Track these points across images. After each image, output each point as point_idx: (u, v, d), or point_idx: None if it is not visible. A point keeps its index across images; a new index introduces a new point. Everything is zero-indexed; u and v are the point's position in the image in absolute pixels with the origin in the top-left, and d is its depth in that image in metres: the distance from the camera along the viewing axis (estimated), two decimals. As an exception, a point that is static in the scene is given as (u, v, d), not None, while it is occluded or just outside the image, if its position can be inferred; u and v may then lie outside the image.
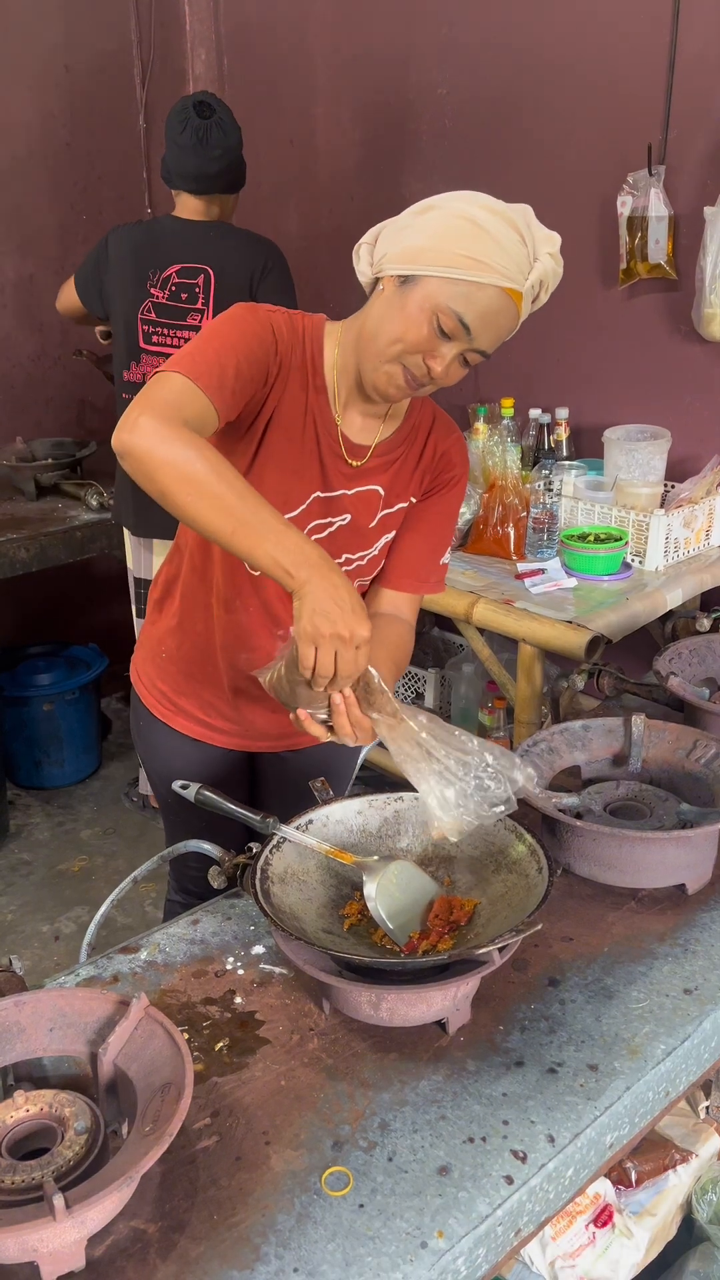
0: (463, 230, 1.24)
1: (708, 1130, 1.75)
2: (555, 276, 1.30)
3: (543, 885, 1.14)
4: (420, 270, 1.26)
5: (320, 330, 1.40)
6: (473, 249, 1.24)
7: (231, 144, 2.44)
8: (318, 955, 1.10)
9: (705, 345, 2.47)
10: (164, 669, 1.62)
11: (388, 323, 1.29)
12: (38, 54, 3.31)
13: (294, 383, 1.36)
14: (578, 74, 2.57)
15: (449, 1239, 0.90)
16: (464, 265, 1.24)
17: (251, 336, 1.30)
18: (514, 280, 1.25)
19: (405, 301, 1.28)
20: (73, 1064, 1.02)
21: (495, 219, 1.25)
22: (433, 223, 1.27)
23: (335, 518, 1.46)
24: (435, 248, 1.25)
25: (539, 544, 2.44)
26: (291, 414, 1.38)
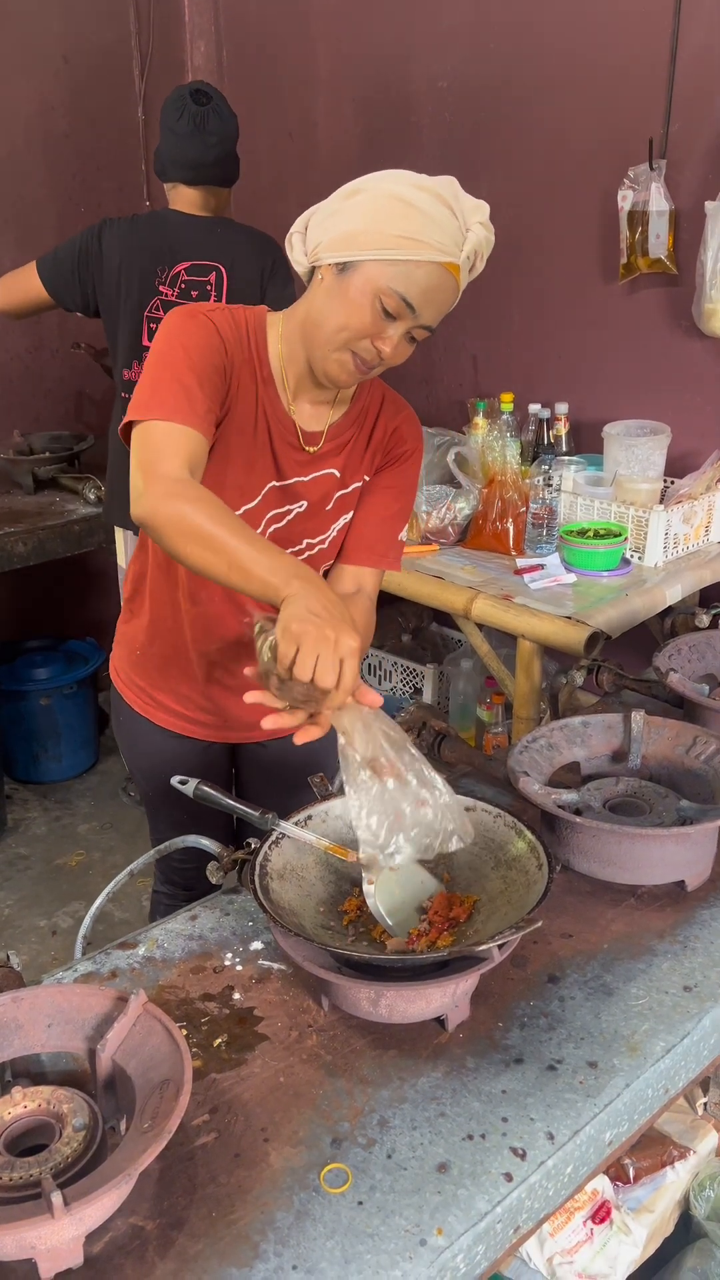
0: (394, 210, 1.25)
1: (706, 1127, 1.75)
2: (488, 244, 1.31)
3: (542, 882, 1.13)
4: (357, 256, 1.27)
5: (262, 323, 1.41)
6: (407, 228, 1.25)
7: (228, 132, 2.42)
8: (316, 951, 1.09)
9: (706, 341, 2.46)
10: (139, 665, 1.63)
11: (331, 311, 1.31)
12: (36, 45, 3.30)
13: (244, 378, 1.38)
14: (579, 67, 2.55)
15: (448, 1236, 0.90)
16: (400, 245, 1.25)
17: (201, 346, 1.32)
18: (450, 254, 1.27)
19: (346, 288, 1.29)
20: (71, 1060, 1.02)
21: (424, 195, 1.26)
22: (363, 206, 1.27)
23: (292, 505, 1.48)
24: (369, 230, 1.26)
25: (538, 539, 2.44)
26: (244, 409, 1.39)
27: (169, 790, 1.39)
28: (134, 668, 1.65)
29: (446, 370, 3.10)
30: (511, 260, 2.85)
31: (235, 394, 1.37)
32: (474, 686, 2.88)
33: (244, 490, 1.43)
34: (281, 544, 1.43)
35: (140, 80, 3.48)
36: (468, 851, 1.27)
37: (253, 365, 1.39)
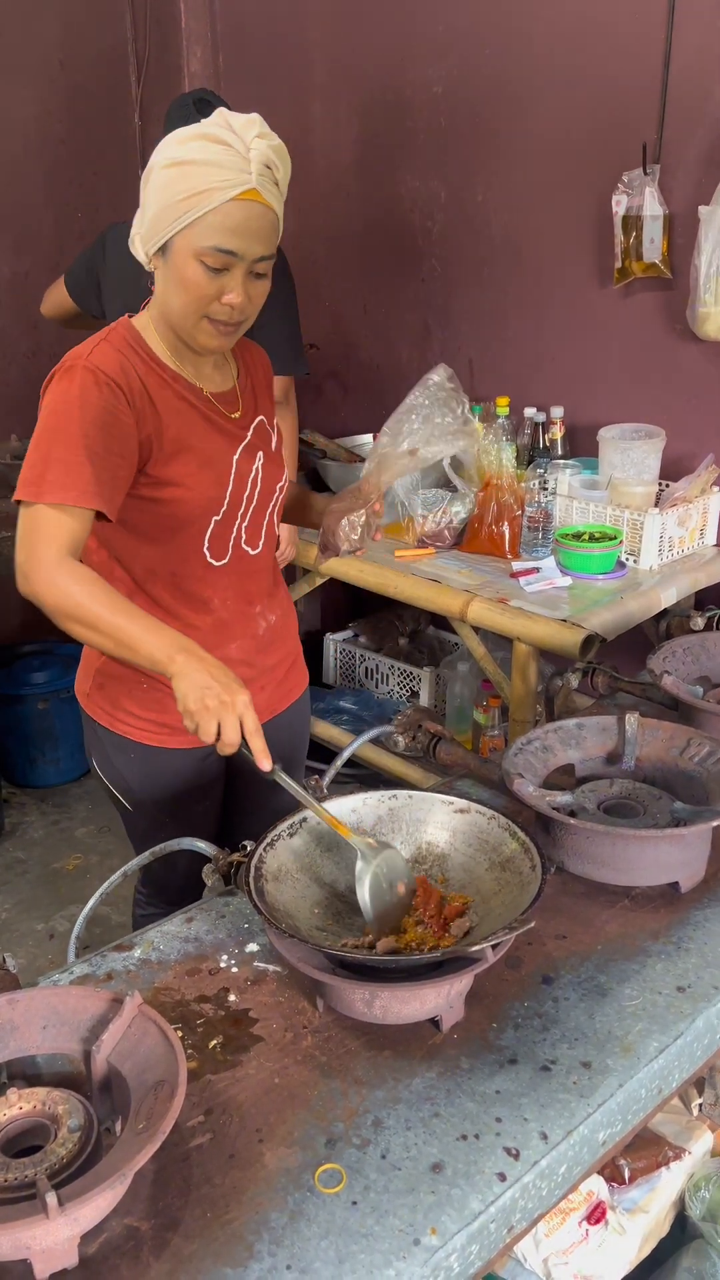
0: (172, 176, 1.30)
1: (701, 1127, 1.76)
2: (277, 151, 1.33)
3: (536, 883, 1.14)
4: (165, 234, 1.33)
5: (136, 333, 1.46)
6: (186, 186, 1.29)
7: None
8: (311, 953, 1.10)
9: (700, 344, 2.47)
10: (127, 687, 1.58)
11: (172, 294, 1.38)
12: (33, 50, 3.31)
13: (156, 395, 1.42)
14: (573, 72, 2.57)
15: (442, 1236, 0.90)
16: (190, 205, 1.29)
17: (92, 406, 1.33)
18: (238, 183, 1.29)
19: (171, 267, 1.36)
20: (66, 1062, 1.02)
21: (191, 145, 1.29)
22: (152, 188, 1.33)
23: (254, 463, 1.53)
24: (162, 206, 1.31)
25: (534, 543, 2.44)
26: (175, 416, 1.44)
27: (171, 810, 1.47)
28: (124, 692, 1.58)
29: (442, 374, 3.10)
30: (507, 264, 2.86)
31: (153, 418, 1.41)
32: (470, 689, 2.89)
33: (219, 472, 1.48)
34: (264, 502, 1.56)
35: (137, 86, 3.49)
36: (462, 853, 1.28)
37: (156, 377, 1.43)
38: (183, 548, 1.49)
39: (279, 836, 1.24)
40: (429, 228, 3.01)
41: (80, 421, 1.31)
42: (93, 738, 1.68)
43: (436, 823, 1.31)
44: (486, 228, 2.86)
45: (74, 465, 1.29)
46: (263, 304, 1.43)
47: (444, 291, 3.04)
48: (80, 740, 3.31)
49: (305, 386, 3.48)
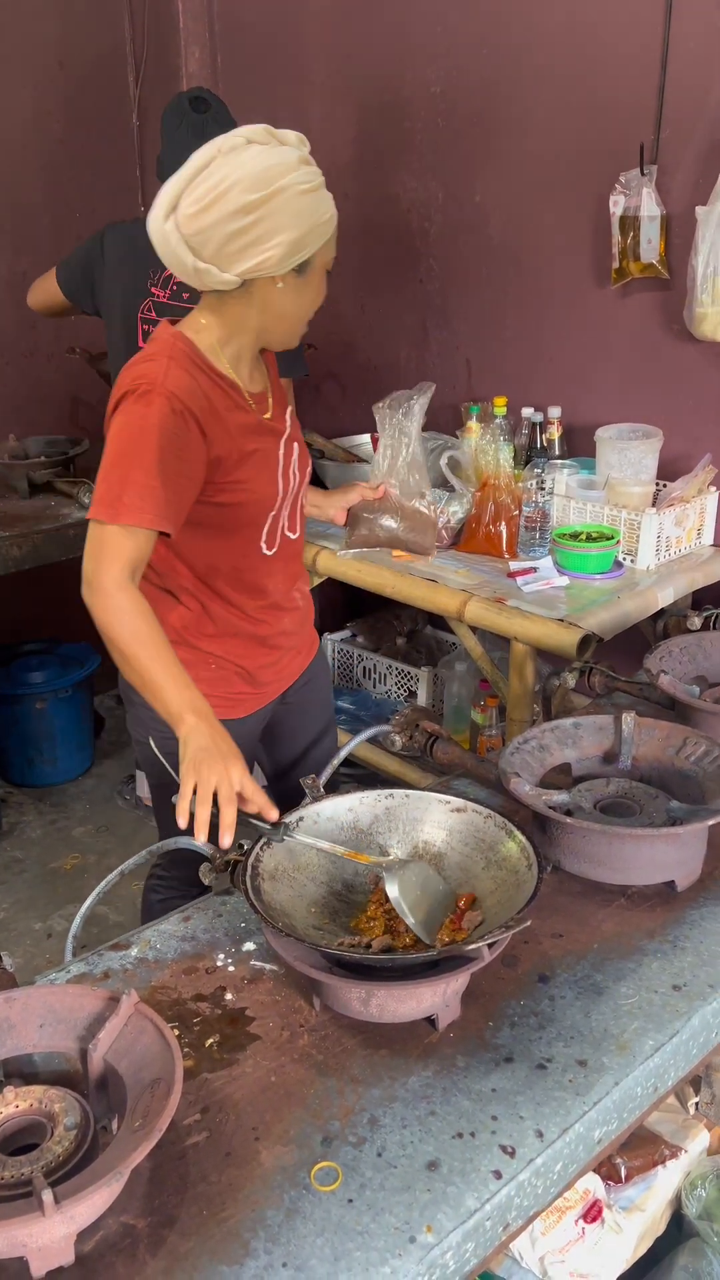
0: (313, 201, 1.44)
1: (697, 1126, 1.76)
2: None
3: (532, 882, 1.14)
4: (310, 251, 1.46)
5: (190, 345, 1.51)
6: (326, 207, 1.46)
7: None
8: (308, 952, 1.10)
9: (697, 345, 2.47)
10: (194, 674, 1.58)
11: (303, 303, 1.52)
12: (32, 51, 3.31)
13: (221, 411, 1.51)
14: (571, 73, 2.57)
15: (437, 1233, 0.90)
16: (330, 224, 1.47)
17: (169, 436, 1.42)
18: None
19: (308, 280, 1.50)
20: (63, 1060, 1.03)
21: (307, 169, 1.44)
22: (289, 213, 1.41)
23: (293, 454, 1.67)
24: (311, 230, 1.44)
25: (531, 542, 2.44)
26: (236, 432, 1.53)
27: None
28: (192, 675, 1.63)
29: (440, 374, 3.11)
30: (505, 265, 2.86)
31: (218, 433, 1.50)
32: (468, 689, 2.89)
33: (273, 470, 1.61)
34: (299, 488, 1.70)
35: (135, 86, 3.49)
36: (458, 852, 1.28)
37: (220, 391, 1.52)
38: (243, 543, 1.61)
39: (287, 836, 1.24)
40: (427, 228, 3.02)
41: (157, 447, 1.41)
42: (151, 718, 1.69)
43: (433, 822, 1.31)
44: (484, 228, 2.86)
45: (149, 490, 1.39)
46: None
47: (442, 292, 3.04)
48: (78, 740, 3.34)
49: (304, 387, 3.49)
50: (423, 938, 1.17)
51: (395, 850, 1.30)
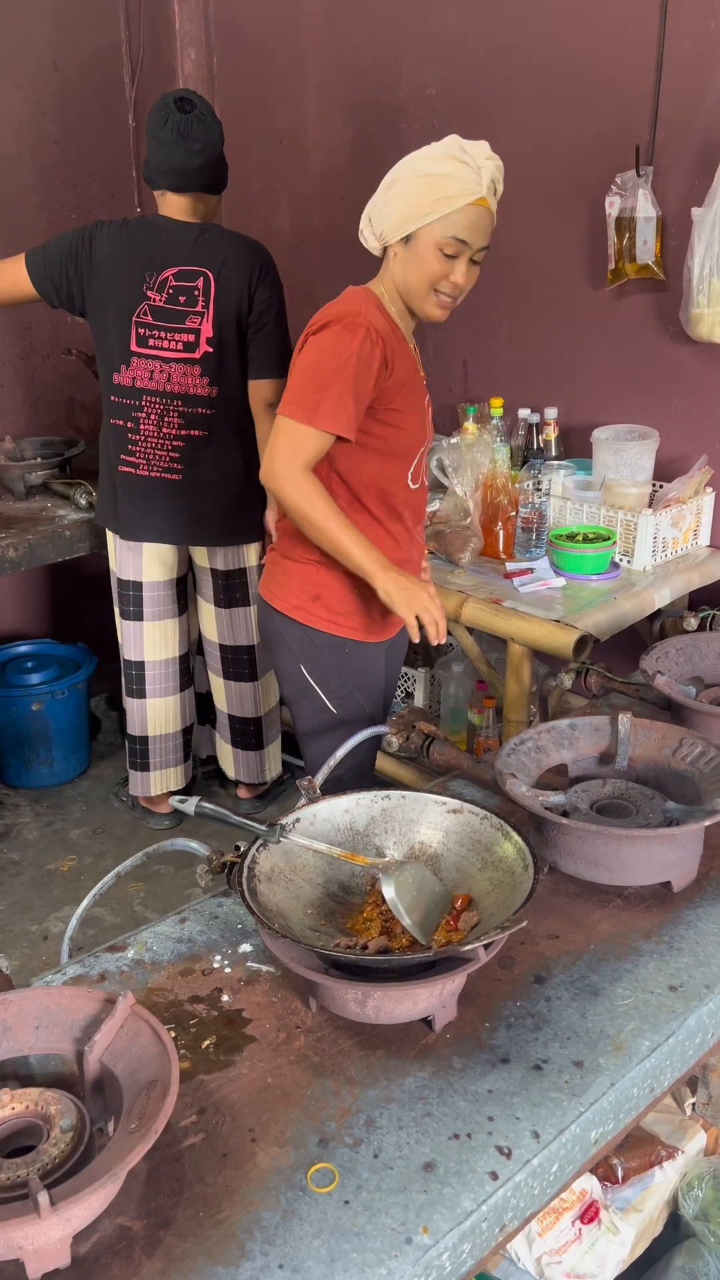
0: (422, 185, 1.71)
1: (694, 1127, 1.76)
2: (499, 169, 1.75)
3: (528, 883, 1.14)
4: (413, 227, 1.72)
5: (377, 299, 1.80)
6: (437, 192, 1.69)
7: (213, 139, 2.42)
8: (304, 953, 1.10)
9: (693, 345, 2.48)
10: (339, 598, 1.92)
11: (413, 273, 1.77)
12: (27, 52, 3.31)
13: (398, 350, 1.79)
14: (566, 75, 2.57)
15: (434, 1234, 0.90)
16: (438, 207, 1.70)
17: (364, 359, 1.71)
18: (474, 192, 1.70)
19: (415, 253, 1.75)
20: (59, 1062, 1.02)
21: (438, 161, 1.70)
22: (402, 191, 1.72)
23: (430, 410, 1.96)
24: (414, 206, 1.71)
25: (528, 543, 2.45)
26: (406, 371, 1.82)
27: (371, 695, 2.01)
28: (337, 600, 1.92)
29: (437, 375, 3.11)
30: (501, 266, 2.86)
31: (397, 366, 1.78)
32: (465, 690, 2.89)
33: (426, 413, 1.90)
34: (430, 443, 1.96)
35: (131, 87, 3.49)
36: (454, 853, 1.28)
37: (396, 335, 1.81)
38: (394, 470, 1.86)
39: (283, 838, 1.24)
40: (423, 229, 3.02)
41: (355, 367, 1.69)
42: (305, 645, 1.96)
43: (429, 823, 1.31)
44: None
45: (345, 402, 1.70)
46: (472, 285, 1.80)
47: (438, 293, 3.04)
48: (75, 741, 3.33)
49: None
50: (419, 939, 1.17)
51: (392, 851, 1.30)
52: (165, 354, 2.49)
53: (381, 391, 1.76)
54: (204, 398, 2.52)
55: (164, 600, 2.80)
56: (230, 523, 2.70)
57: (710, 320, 2.32)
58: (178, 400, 2.52)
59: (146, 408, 2.54)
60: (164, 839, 1.36)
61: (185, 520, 2.66)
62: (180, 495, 2.62)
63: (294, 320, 2.71)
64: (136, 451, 2.59)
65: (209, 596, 2.83)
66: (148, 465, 2.59)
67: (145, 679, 2.87)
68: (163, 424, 2.54)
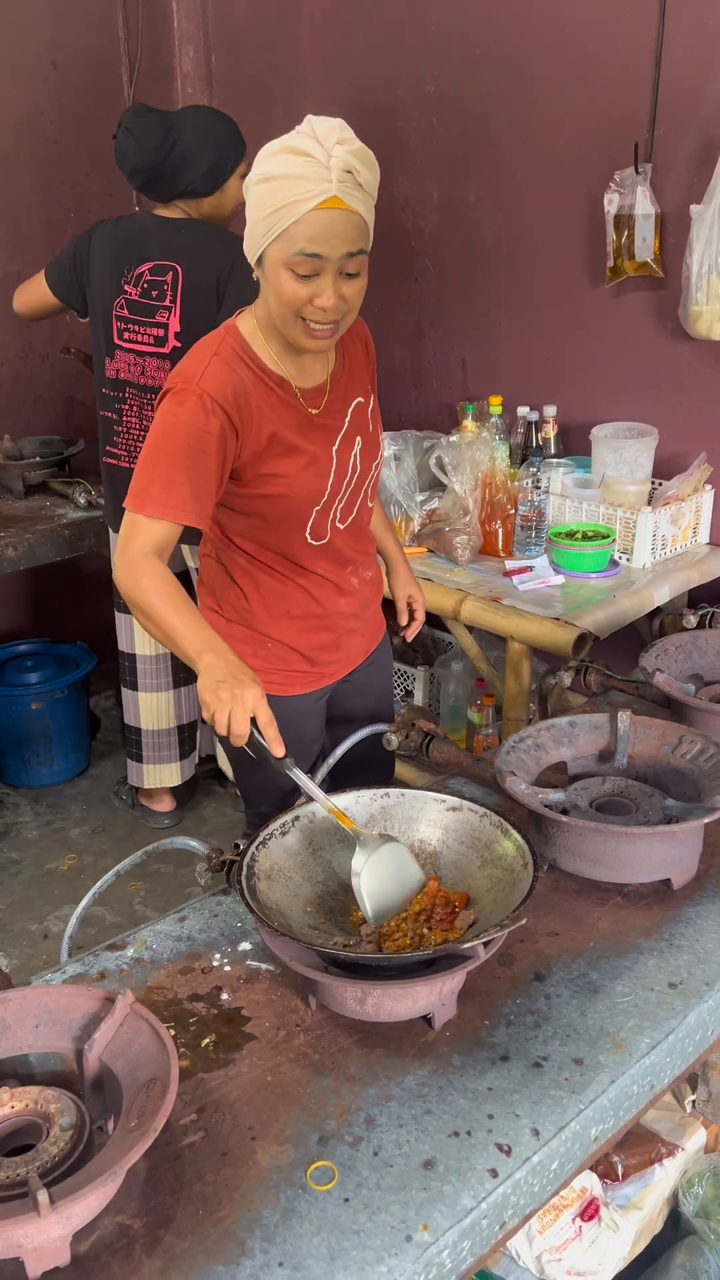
0: (263, 192, 1.38)
1: (694, 1124, 1.76)
2: (359, 155, 1.39)
3: (528, 880, 1.14)
4: (259, 247, 1.42)
5: (240, 340, 1.54)
6: (273, 201, 1.37)
7: (143, 163, 2.40)
8: (303, 951, 1.10)
9: (692, 343, 2.48)
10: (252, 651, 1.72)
11: (271, 301, 1.47)
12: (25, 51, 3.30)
13: (255, 406, 1.52)
14: (565, 72, 2.57)
15: (434, 1232, 0.90)
16: (275, 219, 1.37)
17: (193, 431, 1.46)
18: (319, 193, 1.35)
19: (268, 278, 1.45)
20: (59, 1061, 1.02)
21: (277, 158, 1.37)
22: (249, 204, 1.42)
23: (353, 449, 1.65)
24: (255, 223, 1.41)
25: (527, 541, 2.45)
26: (276, 427, 1.55)
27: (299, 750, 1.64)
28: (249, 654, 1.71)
29: (436, 374, 3.11)
30: (500, 264, 2.86)
31: (252, 428, 1.52)
32: (465, 688, 2.89)
33: (321, 467, 1.60)
34: (360, 483, 1.68)
35: (129, 86, 3.48)
36: (454, 850, 1.28)
37: (262, 385, 1.54)
38: (287, 533, 1.63)
39: (271, 835, 1.24)
40: (421, 228, 3.02)
41: (185, 445, 1.46)
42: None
43: (429, 821, 1.31)
44: (479, 227, 2.86)
45: (173, 485, 1.45)
46: (360, 301, 1.49)
47: (437, 291, 3.04)
48: (74, 741, 3.33)
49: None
50: (369, 920, 1.18)
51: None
52: (139, 348, 2.51)
53: (241, 460, 1.53)
54: None
55: None
56: None
57: (709, 317, 2.32)
58: (152, 394, 2.54)
59: (129, 400, 2.57)
60: (163, 838, 1.36)
61: None
62: None
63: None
64: (120, 443, 2.61)
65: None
66: (129, 457, 2.61)
67: (136, 671, 2.88)
68: (142, 417, 2.57)
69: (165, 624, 1.41)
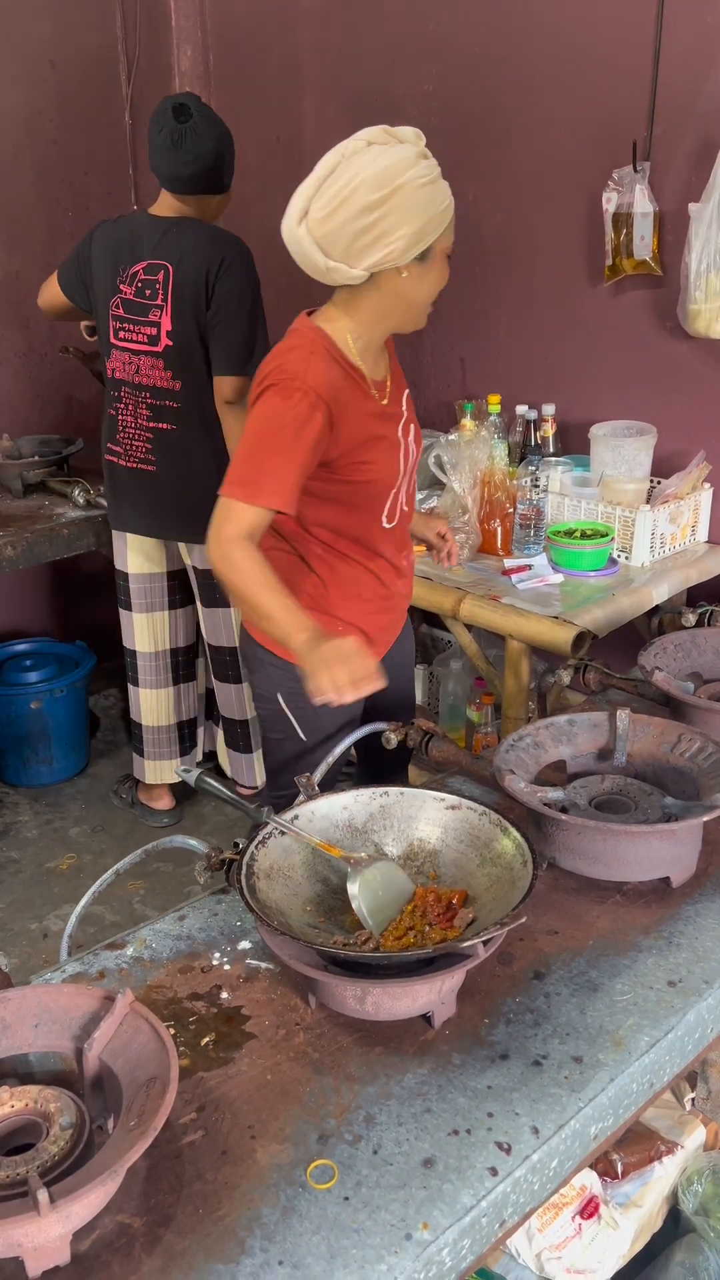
0: (430, 194, 1.55)
1: (693, 1122, 1.76)
2: None
3: (527, 879, 1.14)
4: (430, 240, 1.57)
5: (326, 339, 1.64)
6: (441, 197, 1.57)
7: (205, 150, 2.41)
8: (303, 950, 1.10)
9: (691, 341, 2.48)
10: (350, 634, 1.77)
11: (425, 288, 1.63)
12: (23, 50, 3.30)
13: (344, 400, 1.63)
14: (563, 71, 2.57)
15: (434, 1230, 0.90)
16: (445, 213, 1.58)
17: (306, 429, 1.58)
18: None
19: (430, 266, 1.61)
20: (58, 1060, 1.02)
21: (424, 162, 1.56)
22: (406, 206, 1.53)
23: (410, 435, 1.80)
24: (428, 220, 1.55)
25: (526, 540, 2.45)
26: (366, 420, 1.67)
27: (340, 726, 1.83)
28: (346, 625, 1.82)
29: (434, 372, 3.11)
30: (499, 263, 2.86)
31: (347, 420, 1.64)
32: (464, 687, 2.89)
33: (396, 452, 1.75)
34: (414, 468, 1.83)
35: (127, 85, 3.48)
36: (453, 849, 1.28)
37: (351, 381, 1.65)
38: (368, 517, 1.76)
39: (271, 834, 1.24)
40: (420, 226, 3.02)
41: (287, 437, 1.57)
42: (282, 676, 1.84)
43: (428, 819, 1.31)
44: (478, 226, 2.86)
45: (285, 476, 1.57)
46: None
47: (435, 289, 3.04)
48: (74, 740, 3.33)
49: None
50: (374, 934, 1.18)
51: (391, 848, 1.31)
52: (134, 346, 2.51)
53: (333, 452, 1.65)
54: (169, 390, 2.53)
55: (150, 593, 2.80)
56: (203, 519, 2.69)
57: (708, 316, 2.32)
58: (146, 393, 2.54)
59: (125, 398, 2.57)
60: (163, 836, 1.36)
61: (159, 513, 2.66)
62: (154, 488, 2.62)
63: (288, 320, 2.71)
64: (120, 440, 2.62)
65: (196, 595, 2.84)
66: (126, 455, 2.61)
67: (138, 669, 2.89)
68: (137, 415, 2.57)
69: (259, 604, 1.54)
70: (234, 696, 2.92)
